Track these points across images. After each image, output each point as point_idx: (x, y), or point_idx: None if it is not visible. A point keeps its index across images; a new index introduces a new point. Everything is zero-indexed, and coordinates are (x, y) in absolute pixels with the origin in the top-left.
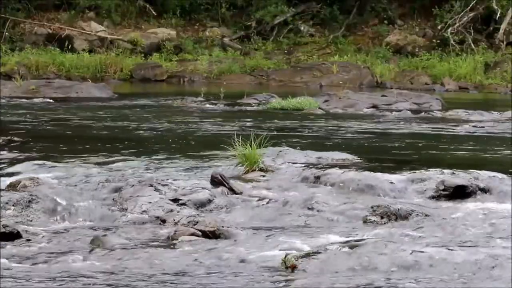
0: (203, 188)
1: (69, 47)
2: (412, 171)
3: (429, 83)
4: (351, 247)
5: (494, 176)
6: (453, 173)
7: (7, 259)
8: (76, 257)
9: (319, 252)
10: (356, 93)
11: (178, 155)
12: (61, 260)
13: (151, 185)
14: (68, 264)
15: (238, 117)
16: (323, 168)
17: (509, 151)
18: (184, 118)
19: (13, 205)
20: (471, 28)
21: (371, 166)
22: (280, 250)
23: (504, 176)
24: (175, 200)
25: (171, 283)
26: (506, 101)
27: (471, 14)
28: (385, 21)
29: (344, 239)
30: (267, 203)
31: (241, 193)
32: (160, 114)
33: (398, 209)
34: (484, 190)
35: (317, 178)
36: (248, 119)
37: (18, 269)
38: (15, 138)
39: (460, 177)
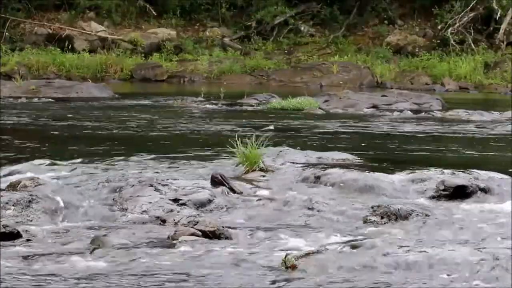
0: (203, 188)
1: (69, 47)
2: (412, 171)
3: (429, 83)
4: (351, 247)
5: (494, 176)
6: (453, 173)
7: (7, 259)
8: (76, 257)
9: (319, 252)
10: (356, 93)
11: (178, 155)
12: (61, 260)
13: (151, 185)
14: (68, 264)
15: (238, 117)
16: (323, 168)
17: (509, 151)
18: (184, 118)
19: (13, 205)
20: (471, 28)
21: (371, 166)
22: (280, 250)
23: (504, 176)
24: (175, 200)
25: (171, 283)
26: (506, 101)
27: (471, 14)
28: (385, 21)
29: (344, 239)
30: (267, 203)
31: (241, 193)
32: (160, 114)
33: (398, 209)
34: (484, 190)
35: (317, 178)
36: (248, 119)
37: (18, 269)
38: (15, 138)
39: (460, 177)
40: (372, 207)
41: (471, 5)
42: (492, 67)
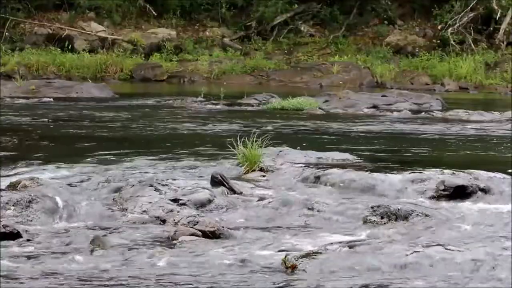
0: (203, 188)
1: (69, 47)
2: (412, 171)
3: (429, 83)
4: (351, 247)
5: (494, 176)
6: (453, 173)
7: (7, 259)
8: (76, 257)
9: (319, 252)
10: (356, 93)
11: (178, 155)
12: (61, 260)
13: (151, 185)
14: (68, 264)
15: (238, 117)
16: (323, 168)
17: (509, 151)
18: (184, 118)
19: (13, 205)
20: (471, 28)
21: (371, 166)
22: (280, 250)
23: (504, 176)
24: (175, 200)
25: (171, 283)
26: (506, 101)
27: (471, 14)
28: (385, 21)
29: (344, 239)
30: (267, 203)
31: (241, 193)
32: (160, 114)
33: (398, 209)
34: (484, 190)
35: (317, 178)
36: (248, 119)
37: (18, 269)
38: (15, 138)
39: (460, 177)
40: (372, 207)
41: (471, 5)
42: (492, 67)
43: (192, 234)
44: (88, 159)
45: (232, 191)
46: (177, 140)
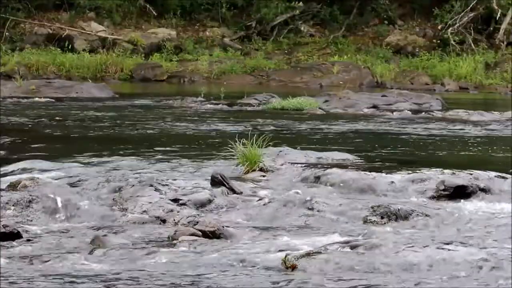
0: (203, 188)
1: (69, 47)
2: (412, 171)
3: (430, 83)
4: (351, 247)
5: (494, 176)
6: (453, 173)
7: (7, 259)
8: (76, 257)
9: (319, 252)
10: (356, 93)
11: (178, 155)
12: (61, 260)
13: (151, 185)
14: (68, 264)
15: (238, 117)
16: (323, 168)
17: (509, 151)
18: (184, 118)
19: (13, 205)
20: (471, 28)
21: (371, 166)
22: (280, 250)
23: (504, 176)
24: (175, 200)
25: (171, 283)
26: (506, 101)
27: (471, 14)
28: (385, 21)
29: (344, 239)
30: (267, 203)
31: (241, 193)
32: (160, 114)
33: (398, 209)
34: (484, 190)
35: (317, 178)
36: (248, 119)
37: (18, 269)
38: (15, 138)
39: (460, 177)
40: (372, 207)
41: (471, 5)
42: (492, 67)
43: (192, 234)
44: (88, 159)
45: (232, 191)
46: (177, 140)
